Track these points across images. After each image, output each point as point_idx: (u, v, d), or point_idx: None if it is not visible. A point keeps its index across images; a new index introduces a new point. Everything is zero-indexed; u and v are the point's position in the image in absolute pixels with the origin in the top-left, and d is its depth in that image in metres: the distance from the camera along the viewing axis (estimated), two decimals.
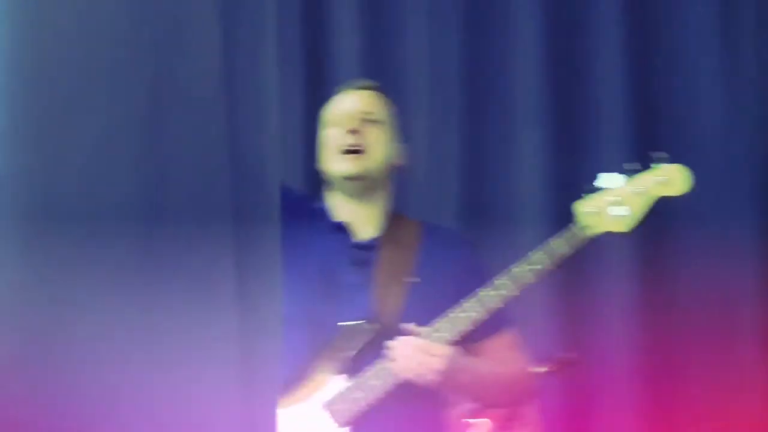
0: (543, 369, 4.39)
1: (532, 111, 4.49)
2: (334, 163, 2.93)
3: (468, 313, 2.80)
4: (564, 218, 2.89)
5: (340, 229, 2.94)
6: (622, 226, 2.83)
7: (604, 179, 2.84)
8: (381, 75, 4.00)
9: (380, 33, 4.54)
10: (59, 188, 1.67)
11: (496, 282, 2.82)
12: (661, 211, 2.84)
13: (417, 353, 2.75)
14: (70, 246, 1.66)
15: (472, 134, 4.74)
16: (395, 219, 3.00)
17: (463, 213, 4.38)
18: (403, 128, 3.10)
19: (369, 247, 2.93)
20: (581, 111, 4.68)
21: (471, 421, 4.39)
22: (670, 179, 2.81)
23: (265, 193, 1.90)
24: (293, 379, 2.84)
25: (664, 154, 2.83)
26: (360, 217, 2.95)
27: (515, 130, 4.70)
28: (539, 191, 4.49)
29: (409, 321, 2.80)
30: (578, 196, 2.87)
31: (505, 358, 2.95)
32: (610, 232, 2.83)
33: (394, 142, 3.00)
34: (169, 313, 1.71)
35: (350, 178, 2.91)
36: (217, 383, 1.74)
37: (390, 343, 2.77)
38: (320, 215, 2.97)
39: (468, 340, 2.89)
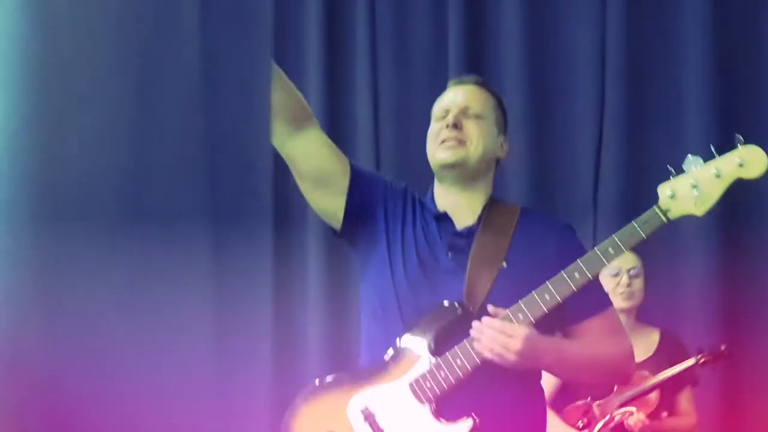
0: (696, 361, 4.44)
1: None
2: (435, 153, 3.04)
3: (550, 294, 2.81)
4: None
5: (442, 218, 3.03)
6: (698, 209, 2.79)
7: (687, 162, 2.80)
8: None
9: None
10: (45, 186, 1.73)
11: (578, 265, 2.82)
12: None
13: (496, 334, 2.78)
14: (57, 242, 1.72)
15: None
16: (495, 206, 3.06)
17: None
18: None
19: (467, 234, 3.00)
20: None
21: (619, 410, 4.42)
22: (746, 162, 2.74)
23: (250, 193, 1.93)
24: (387, 359, 2.94)
25: (741, 138, 2.76)
26: (461, 206, 3.04)
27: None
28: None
29: (497, 304, 2.84)
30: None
31: (601, 340, 2.94)
32: (688, 214, 2.79)
33: (495, 134, 3.08)
34: (147, 309, 1.76)
35: (449, 168, 3.01)
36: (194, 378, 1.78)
37: (474, 323, 2.82)
38: (423, 206, 3.07)
39: (565, 322, 2.94)
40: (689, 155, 2.80)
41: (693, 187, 2.78)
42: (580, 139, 5.45)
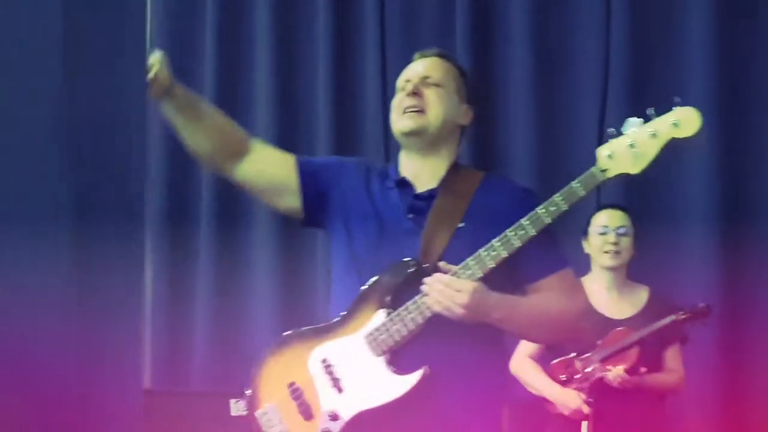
0: (675, 317, 4.48)
1: None
2: (397, 122, 3.15)
3: (495, 252, 2.89)
4: None
5: (402, 183, 3.13)
6: (635, 168, 2.84)
7: (626, 124, 2.85)
8: None
9: None
10: None
11: (521, 223, 2.90)
12: None
13: (444, 288, 2.87)
14: None
15: None
16: (459, 171, 3.15)
17: None
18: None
19: (427, 197, 3.09)
20: None
21: (598, 365, 4.48)
22: (681, 122, 2.79)
23: (113, 187, 1.86)
24: (347, 313, 3.04)
25: (678, 99, 2.81)
26: (423, 171, 3.13)
27: None
28: None
29: (454, 261, 2.92)
30: None
31: (555, 298, 3.01)
32: (624, 173, 2.85)
33: (456, 102, 3.16)
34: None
35: (410, 135, 3.12)
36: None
37: (425, 279, 2.91)
38: (386, 175, 3.18)
39: (523, 281, 3.02)
40: (629, 118, 2.86)
41: (630, 147, 2.84)
42: (584, 113, 5.53)
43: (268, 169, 3.18)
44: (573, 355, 4.57)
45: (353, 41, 5.87)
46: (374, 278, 3.00)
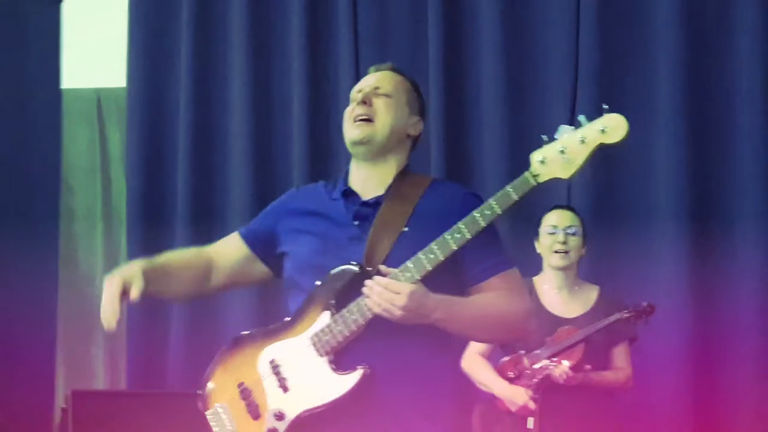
0: (619, 316, 4.53)
1: None
2: (347, 132, 3.19)
3: (433, 255, 2.92)
4: None
5: (348, 192, 3.17)
6: (565, 173, 2.87)
7: (559, 131, 2.88)
8: None
9: None
10: None
11: (458, 226, 2.92)
12: None
13: (383, 291, 2.90)
14: None
15: None
16: (407, 178, 3.19)
17: None
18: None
19: (374, 204, 3.13)
20: None
21: (550, 365, 4.52)
22: (608, 128, 2.82)
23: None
24: (295, 316, 3.10)
25: (606, 107, 2.84)
26: (372, 180, 3.17)
27: None
28: None
29: (397, 265, 2.95)
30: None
31: (499, 299, 3.04)
32: (556, 178, 2.88)
33: (405, 113, 3.20)
34: None
35: (358, 144, 3.16)
36: None
37: (366, 282, 2.94)
38: (335, 186, 3.22)
39: (468, 282, 3.06)
40: (562, 125, 2.89)
41: (561, 153, 2.86)
42: (554, 114, 5.56)
43: (230, 264, 3.26)
44: (522, 353, 4.61)
45: (327, 52, 5.92)
46: (319, 282, 3.04)
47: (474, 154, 5.70)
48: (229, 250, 3.28)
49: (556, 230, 4.73)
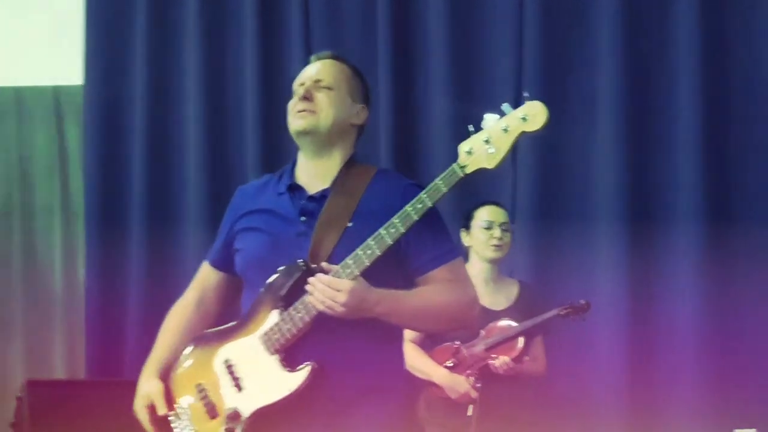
0: (558, 312, 4.53)
1: None
2: (291, 123, 3.11)
3: (370, 250, 2.86)
4: None
5: (294, 187, 3.09)
6: (490, 163, 2.80)
7: (484, 120, 2.81)
8: None
9: None
10: None
11: (392, 221, 2.86)
12: None
13: (325, 288, 2.85)
14: None
15: None
16: (352, 169, 3.10)
17: None
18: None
19: (319, 198, 3.05)
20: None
21: (491, 356, 4.51)
22: (529, 116, 2.75)
23: None
24: (246, 316, 3.04)
25: (527, 95, 2.79)
26: (317, 172, 3.09)
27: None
28: None
29: (341, 261, 2.89)
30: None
31: (442, 289, 2.98)
32: (483, 168, 2.80)
33: (348, 103, 3.11)
34: None
35: (302, 135, 3.08)
36: None
37: (309, 279, 2.88)
38: (281, 179, 3.14)
39: (413, 273, 2.99)
40: (486, 114, 2.82)
41: (486, 143, 2.80)
42: (501, 98, 5.48)
43: (215, 294, 3.22)
44: (458, 342, 4.61)
45: (280, 45, 5.85)
46: (268, 281, 2.98)
47: (422, 142, 5.66)
48: (208, 284, 3.23)
49: (491, 225, 4.74)
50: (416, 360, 4.63)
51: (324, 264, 2.90)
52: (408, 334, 4.55)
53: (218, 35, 5.91)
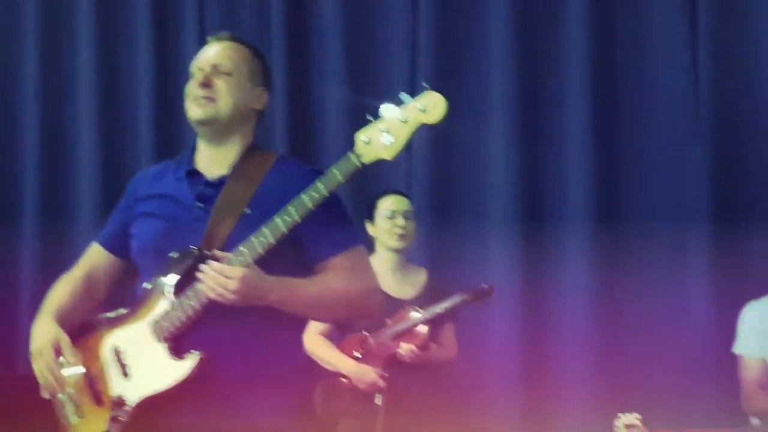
0: (461, 298, 4.53)
1: None
2: (189, 110, 3.02)
3: (264, 238, 2.80)
4: None
5: (192, 173, 3.02)
6: (388, 154, 2.75)
7: (382, 110, 2.77)
8: None
9: None
10: None
11: (287, 208, 2.80)
12: None
13: (216, 275, 2.78)
14: None
15: None
16: (252, 155, 3.03)
17: None
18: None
19: (217, 184, 2.98)
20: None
21: (398, 345, 4.51)
22: (428, 107, 2.71)
23: None
24: (137, 302, 2.96)
25: (426, 85, 2.74)
26: (217, 158, 3.02)
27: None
28: None
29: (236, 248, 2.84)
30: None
31: (340, 277, 2.93)
32: (380, 159, 2.76)
33: (248, 88, 3.03)
34: None
35: (201, 124, 3.00)
36: None
37: (201, 266, 2.81)
38: (180, 165, 3.07)
39: (311, 261, 2.93)
40: (384, 103, 2.77)
41: (384, 133, 2.75)
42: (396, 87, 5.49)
43: (104, 277, 3.13)
44: (365, 332, 4.60)
45: (175, 29, 5.79)
46: (162, 266, 2.91)
47: (318, 129, 5.64)
48: (96, 264, 3.13)
49: (395, 214, 4.73)
50: (323, 352, 4.63)
51: (217, 251, 2.83)
52: (315, 327, 4.59)
53: (111, 17, 5.83)
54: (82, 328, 3.03)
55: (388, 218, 4.74)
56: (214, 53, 3.03)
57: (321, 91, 5.65)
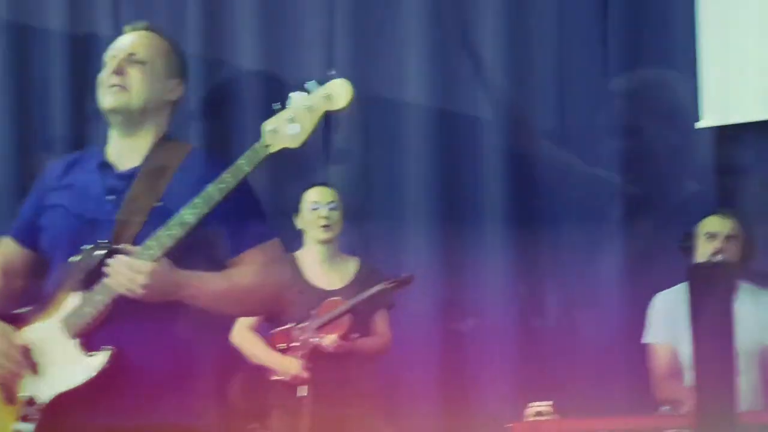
0: (383, 286, 4.52)
1: None
2: (101, 98, 2.96)
3: (172, 231, 2.74)
4: None
5: (103, 165, 2.95)
6: (294, 142, 2.71)
7: (289, 99, 2.74)
8: None
9: None
10: None
11: (194, 201, 2.74)
12: None
13: (125, 270, 2.72)
14: None
15: None
16: (165, 146, 2.96)
17: None
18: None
19: (129, 176, 2.91)
20: None
21: (319, 336, 4.48)
22: (333, 95, 2.69)
23: None
24: (48, 298, 2.88)
25: (333, 72, 2.72)
26: (129, 149, 2.95)
27: None
28: None
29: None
30: None
31: (251, 272, 2.86)
32: (286, 148, 2.72)
33: (162, 79, 2.96)
34: None
35: (113, 113, 2.93)
36: None
37: (108, 261, 2.74)
38: (92, 157, 2.99)
39: (226, 255, 2.87)
40: (292, 93, 2.74)
41: (290, 121, 2.71)
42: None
43: (16, 272, 3.02)
44: (291, 325, 4.56)
45: (87, 16, 5.69)
46: (70, 261, 2.82)
47: (233, 120, 5.54)
48: (9, 258, 3.02)
49: (318, 206, 4.72)
50: (249, 346, 4.60)
51: (127, 245, 2.76)
52: (244, 321, 4.57)
53: (23, 5, 5.71)
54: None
55: (313, 210, 4.73)
56: (129, 42, 2.97)
57: (236, 82, 5.58)
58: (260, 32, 5.58)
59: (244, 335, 4.60)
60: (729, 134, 5.11)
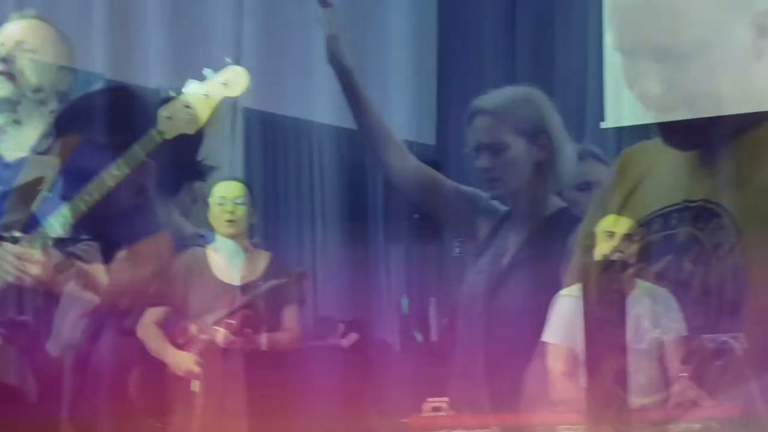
0: (278, 281, 4.49)
1: None
2: None
3: (63, 218, 2.71)
4: None
5: None
6: (190, 128, 2.69)
7: (185, 85, 2.70)
8: None
9: None
10: None
11: (87, 187, 2.70)
12: None
13: (14, 259, 2.67)
14: None
15: None
16: (57, 136, 2.89)
17: None
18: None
19: (15, 166, 2.88)
20: None
21: (213, 331, 4.44)
22: (230, 81, 2.67)
23: None
24: None
25: (229, 60, 2.69)
26: (16, 140, 2.92)
27: None
28: None
29: None
30: None
31: (138, 264, 2.83)
32: (183, 134, 2.69)
33: (53, 69, 2.93)
34: None
35: (0, 102, 2.90)
36: None
37: None
38: None
39: (115, 245, 2.82)
40: (189, 79, 2.72)
41: (186, 108, 2.68)
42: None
43: None
44: (189, 320, 4.53)
45: None
46: None
47: (135, 109, 5.44)
48: None
49: (224, 201, 4.70)
50: (151, 340, 4.47)
51: (16, 233, 2.71)
52: (151, 315, 4.44)
53: None
54: None
55: (219, 205, 4.71)
56: (18, 29, 2.93)
57: (143, 74, 5.51)
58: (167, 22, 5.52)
59: (147, 329, 4.47)
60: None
